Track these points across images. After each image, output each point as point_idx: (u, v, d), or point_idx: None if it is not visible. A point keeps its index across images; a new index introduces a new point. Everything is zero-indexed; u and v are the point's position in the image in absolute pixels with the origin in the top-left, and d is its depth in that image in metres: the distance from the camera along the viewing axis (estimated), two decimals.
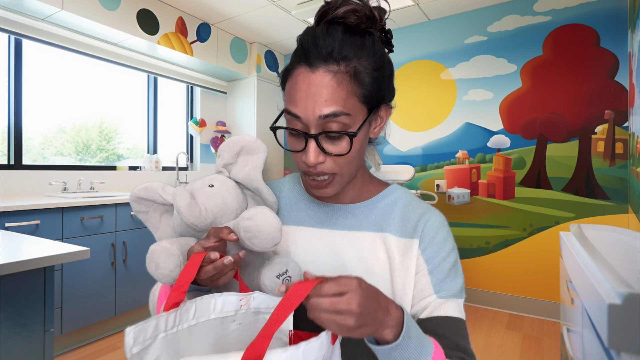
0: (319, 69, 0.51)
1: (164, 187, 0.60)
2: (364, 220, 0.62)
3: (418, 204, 0.64)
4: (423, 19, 3.07)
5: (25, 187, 2.40)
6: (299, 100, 0.52)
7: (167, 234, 0.63)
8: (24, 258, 0.89)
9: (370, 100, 0.54)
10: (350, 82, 0.52)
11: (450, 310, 0.55)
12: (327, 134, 0.52)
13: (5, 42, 2.39)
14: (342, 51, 0.51)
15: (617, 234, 1.45)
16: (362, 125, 0.54)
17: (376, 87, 0.54)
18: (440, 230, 0.60)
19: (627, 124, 2.33)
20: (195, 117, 3.61)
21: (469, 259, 2.87)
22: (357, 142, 0.54)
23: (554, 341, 2.24)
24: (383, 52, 0.56)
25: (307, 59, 0.52)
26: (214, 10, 2.96)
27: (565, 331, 1.42)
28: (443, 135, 3.01)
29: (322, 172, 0.55)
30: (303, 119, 0.52)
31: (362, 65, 0.52)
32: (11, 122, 2.40)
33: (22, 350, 0.95)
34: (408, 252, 0.58)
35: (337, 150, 0.53)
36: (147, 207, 0.62)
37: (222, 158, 0.62)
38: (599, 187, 2.43)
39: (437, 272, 0.57)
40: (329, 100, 0.51)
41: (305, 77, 0.52)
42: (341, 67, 0.51)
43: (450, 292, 0.56)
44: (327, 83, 0.51)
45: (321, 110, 0.51)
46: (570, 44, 2.53)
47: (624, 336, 0.76)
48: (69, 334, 2.13)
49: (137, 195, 0.61)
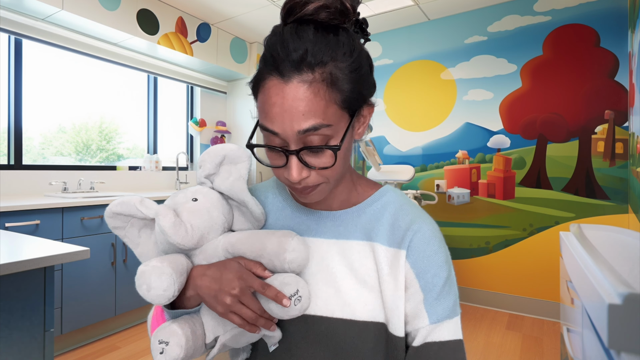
0: (292, 79, 0.46)
1: (142, 201, 0.56)
2: (352, 227, 0.58)
3: (409, 209, 0.59)
4: (423, 19, 3.07)
5: (25, 187, 2.40)
6: (275, 115, 0.47)
7: (149, 249, 0.60)
8: (24, 258, 0.89)
9: (351, 104, 0.50)
10: (327, 90, 0.47)
11: (444, 333, 0.53)
12: (310, 149, 0.48)
13: (5, 42, 2.39)
14: (316, 55, 0.46)
15: (617, 234, 1.45)
16: (346, 134, 0.50)
17: (356, 89, 0.49)
18: (432, 242, 0.55)
19: (627, 124, 2.33)
20: (195, 117, 3.61)
21: (469, 259, 2.87)
22: (342, 151, 0.51)
23: (554, 341, 2.24)
24: (360, 47, 0.51)
25: (277, 68, 0.47)
26: (214, 10, 2.96)
27: (565, 331, 1.42)
28: (443, 135, 3.01)
29: (307, 187, 0.52)
30: (281, 135, 0.48)
31: (339, 68, 0.47)
32: (11, 122, 2.41)
33: (22, 350, 0.95)
34: (396, 263, 0.55)
35: (321, 164, 0.50)
36: (124, 223, 0.59)
37: (203, 169, 0.58)
38: (599, 187, 2.43)
39: (429, 289, 0.54)
40: (307, 114, 0.46)
41: (279, 90, 0.47)
42: (316, 75, 0.46)
43: (444, 313, 0.53)
44: (303, 95, 0.46)
45: (300, 125, 0.46)
46: (570, 44, 2.53)
47: (624, 336, 0.76)
48: (69, 334, 2.13)
49: (113, 211, 0.57)
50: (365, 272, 0.55)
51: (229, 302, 0.48)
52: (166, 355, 0.50)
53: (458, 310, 0.55)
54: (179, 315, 0.54)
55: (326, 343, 0.54)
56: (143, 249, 0.60)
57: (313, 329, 0.54)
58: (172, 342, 0.50)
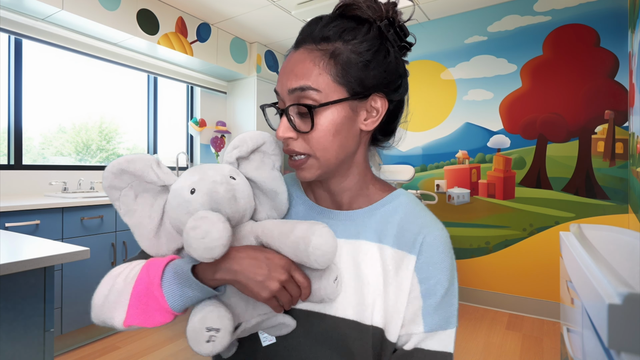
0: (300, 48, 0.54)
1: (160, 164, 0.52)
2: (362, 228, 0.58)
3: (420, 213, 0.58)
4: (423, 19, 3.07)
5: (25, 187, 2.40)
6: (279, 77, 0.55)
7: (146, 221, 0.53)
8: (24, 258, 0.89)
9: (350, 83, 0.52)
10: (326, 61, 0.51)
11: (436, 343, 0.52)
12: (297, 110, 0.53)
13: (5, 42, 2.39)
14: (324, 32, 0.52)
15: (617, 234, 1.45)
16: (332, 104, 0.51)
17: (359, 71, 0.52)
18: (440, 249, 0.55)
19: (627, 124, 2.33)
20: (195, 117, 3.61)
21: (469, 259, 2.87)
22: (324, 119, 0.52)
23: (554, 341, 2.24)
24: (382, 42, 0.53)
25: (297, 42, 0.55)
26: (214, 10, 2.96)
27: (565, 331, 1.42)
28: (443, 135, 3.01)
29: (293, 151, 0.54)
30: (280, 94, 0.54)
31: (346, 48, 0.52)
32: (11, 122, 2.40)
33: (22, 350, 0.95)
34: (402, 267, 0.54)
35: (304, 127, 0.52)
36: (125, 184, 0.52)
37: (240, 149, 0.55)
38: (599, 187, 2.43)
39: (429, 296, 0.53)
40: (299, 75, 0.52)
41: (289, 57, 0.55)
42: (319, 47, 0.52)
43: (440, 323, 0.53)
44: (301, 59, 0.52)
45: (291, 84, 0.52)
46: (570, 44, 2.53)
47: (624, 336, 0.76)
48: (69, 334, 2.13)
49: (121, 168, 0.50)
50: (370, 273, 0.55)
51: (276, 287, 0.49)
52: (216, 345, 0.45)
53: (454, 322, 0.54)
54: (211, 295, 0.49)
55: (326, 341, 0.54)
56: (139, 219, 0.53)
57: (315, 326, 0.54)
58: (223, 329, 0.45)
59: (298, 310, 0.55)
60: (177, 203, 0.50)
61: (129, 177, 0.51)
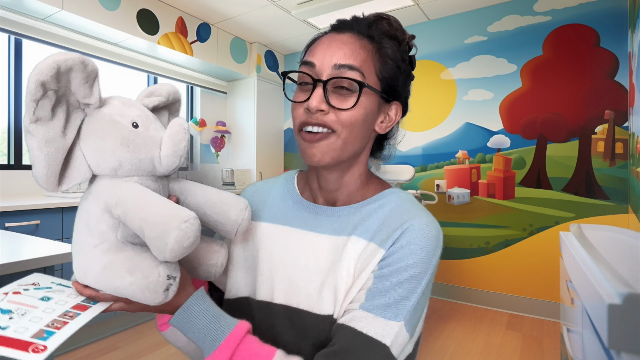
0: (346, 33, 0.55)
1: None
2: (346, 224, 0.57)
3: (409, 209, 0.56)
4: (423, 19, 3.07)
5: (25, 187, 2.40)
6: (318, 51, 0.54)
7: (62, 132, 0.43)
8: (24, 258, 0.89)
9: (386, 81, 0.56)
10: (373, 53, 0.54)
11: (370, 327, 0.47)
12: (338, 85, 0.53)
13: (5, 42, 2.39)
14: (369, 30, 0.55)
15: (617, 234, 1.45)
16: (374, 92, 0.54)
17: (393, 75, 0.56)
18: (416, 237, 0.51)
19: (627, 124, 2.33)
20: (195, 117, 3.61)
21: (469, 259, 2.87)
22: (362, 102, 0.53)
23: (554, 341, 2.24)
24: (406, 64, 0.59)
25: (336, 27, 0.57)
26: (214, 10, 2.96)
27: (565, 331, 1.42)
28: (443, 135, 3.01)
29: (321, 122, 0.52)
30: (317, 67, 0.53)
31: (388, 50, 0.55)
32: (11, 122, 2.40)
33: None
34: (373, 261, 0.52)
35: (341, 105, 0.53)
36: (56, 87, 0.41)
37: (155, 99, 0.57)
38: (599, 187, 2.43)
39: (381, 280, 0.50)
40: (347, 54, 0.53)
41: (331, 38, 0.55)
42: (368, 39, 0.55)
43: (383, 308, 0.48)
44: (351, 42, 0.54)
45: (338, 59, 0.52)
46: (570, 44, 2.53)
47: (624, 336, 0.76)
48: None
49: (69, 66, 0.41)
50: (347, 270, 0.54)
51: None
52: (168, 294, 0.45)
53: (403, 318, 0.48)
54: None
55: (299, 332, 0.54)
56: (53, 135, 0.42)
57: (294, 321, 0.55)
58: (177, 277, 0.47)
59: (278, 305, 0.56)
60: (112, 131, 0.46)
61: (66, 82, 0.43)
